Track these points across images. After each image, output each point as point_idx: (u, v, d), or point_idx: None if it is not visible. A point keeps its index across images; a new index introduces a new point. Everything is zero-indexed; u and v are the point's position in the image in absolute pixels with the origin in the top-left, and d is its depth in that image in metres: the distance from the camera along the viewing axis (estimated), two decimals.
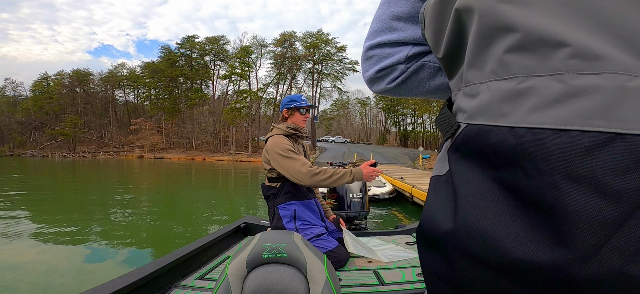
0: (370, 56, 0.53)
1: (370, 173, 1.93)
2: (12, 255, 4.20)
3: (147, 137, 46.12)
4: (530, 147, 0.28)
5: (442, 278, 0.35)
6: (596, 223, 0.25)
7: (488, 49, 0.33)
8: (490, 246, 0.29)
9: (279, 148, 1.82)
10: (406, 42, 0.50)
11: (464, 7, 0.34)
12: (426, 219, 0.38)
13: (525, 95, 0.29)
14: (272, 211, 1.93)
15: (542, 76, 0.28)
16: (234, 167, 26.90)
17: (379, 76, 0.53)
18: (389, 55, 0.51)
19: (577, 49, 0.27)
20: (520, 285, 0.28)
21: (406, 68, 0.51)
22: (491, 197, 0.30)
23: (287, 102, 2.02)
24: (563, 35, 0.28)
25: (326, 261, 1.10)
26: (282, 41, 46.03)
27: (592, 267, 0.25)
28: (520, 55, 0.30)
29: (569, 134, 0.26)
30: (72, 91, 52.81)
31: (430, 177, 0.41)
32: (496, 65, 0.32)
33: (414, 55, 0.50)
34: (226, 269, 1.04)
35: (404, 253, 1.97)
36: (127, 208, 7.74)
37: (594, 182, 0.25)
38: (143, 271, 1.39)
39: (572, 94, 0.27)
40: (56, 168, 23.70)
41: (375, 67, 0.52)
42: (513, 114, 0.29)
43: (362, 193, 2.95)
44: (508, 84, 0.31)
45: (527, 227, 0.28)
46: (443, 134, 0.40)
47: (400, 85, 0.53)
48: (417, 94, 0.55)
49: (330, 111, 59.33)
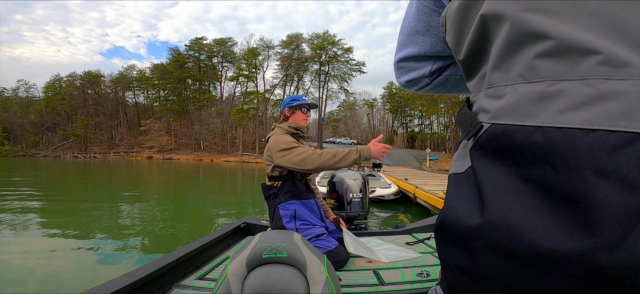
0: (400, 67, 0.60)
1: (379, 150, 1.80)
2: (21, 252, 4.31)
3: (156, 138, 46.67)
4: (559, 145, 0.29)
5: (464, 272, 0.36)
6: (622, 214, 0.26)
7: (516, 54, 0.34)
8: (518, 238, 0.30)
9: (282, 142, 1.81)
10: (428, 56, 0.55)
11: (492, 14, 0.36)
12: (448, 216, 0.39)
13: (554, 97, 0.31)
14: (272, 210, 1.93)
15: (571, 81, 0.30)
16: (241, 168, 27.02)
17: (409, 84, 0.61)
18: (415, 68, 0.57)
19: (607, 57, 0.29)
20: (548, 275, 0.29)
21: (431, 81, 0.58)
22: (518, 192, 0.32)
23: (289, 101, 2.02)
24: (594, 44, 0.29)
25: (326, 261, 1.09)
26: (288, 43, 46.22)
27: (618, 255, 0.26)
28: (550, 61, 0.31)
29: (596, 134, 0.28)
30: (83, 92, 53.76)
31: (449, 175, 0.43)
32: (524, 69, 0.33)
33: (436, 70, 0.56)
34: (226, 269, 1.04)
35: (404, 253, 1.97)
36: (136, 208, 7.84)
37: (620, 177, 0.26)
38: (143, 271, 1.39)
39: (600, 98, 0.28)
40: (68, 168, 24.12)
41: (405, 77, 0.60)
42: (541, 114, 0.31)
43: (362, 193, 2.94)
44: (537, 87, 0.32)
45: (555, 219, 0.29)
46: (464, 133, 0.41)
47: (428, 91, 0.61)
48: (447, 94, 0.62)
49: (337, 112, 59.29)
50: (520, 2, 0.34)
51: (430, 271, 1.64)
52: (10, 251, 4.35)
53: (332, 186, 3.03)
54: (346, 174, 3.03)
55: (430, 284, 1.49)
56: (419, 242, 2.25)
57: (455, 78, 0.57)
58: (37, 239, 4.95)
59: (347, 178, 2.95)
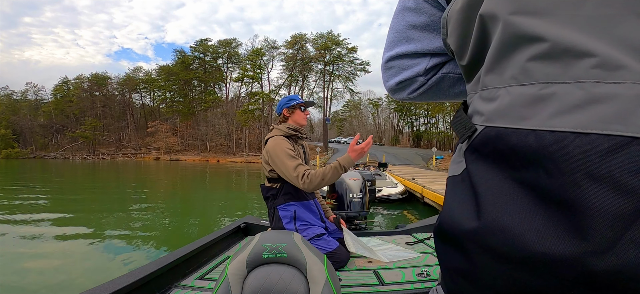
0: (390, 67, 0.54)
1: (357, 151, 1.79)
2: (31, 251, 4.38)
3: (163, 139, 47.12)
4: (552, 148, 0.29)
5: (461, 274, 0.36)
6: (614, 218, 0.26)
7: (509, 56, 0.34)
8: (511, 241, 0.30)
9: (280, 150, 1.81)
10: (424, 53, 0.51)
11: (489, 14, 0.35)
12: (446, 218, 0.39)
13: (547, 100, 0.31)
14: (272, 211, 1.93)
15: (564, 83, 0.30)
16: (247, 168, 27.11)
17: (400, 87, 0.55)
18: (408, 67, 0.52)
19: (602, 60, 0.28)
20: (541, 278, 0.29)
21: (426, 80, 0.53)
22: (511, 196, 0.32)
23: (286, 101, 2.01)
24: (589, 46, 0.29)
25: (326, 261, 1.09)
26: (293, 43, 46.19)
27: (610, 259, 0.26)
28: (543, 64, 0.31)
29: (589, 137, 0.28)
30: (91, 95, 54.35)
31: (447, 178, 0.43)
32: (518, 72, 0.33)
33: (432, 67, 0.52)
34: (226, 269, 1.04)
35: (404, 253, 1.97)
36: (143, 208, 7.93)
37: (612, 181, 0.26)
38: (143, 271, 1.39)
39: (593, 101, 0.28)
40: (77, 170, 24.44)
41: (396, 78, 0.54)
42: (534, 117, 0.31)
43: (362, 193, 2.92)
44: (530, 90, 0.32)
45: (548, 222, 0.29)
46: (459, 136, 0.41)
47: (422, 95, 0.54)
48: (438, 100, 0.57)
49: (343, 112, 59.18)
50: (512, 2, 0.33)
51: (430, 271, 1.64)
52: (21, 251, 4.44)
53: (332, 186, 3.01)
54: (346, 174, 3.00)
55: (430, 284, 1.49)
56: (419, 242, 2.24)
57: (452, 77, 0.53)
58: (49, 240, 5.04)
59: (347, 178, 2.94)
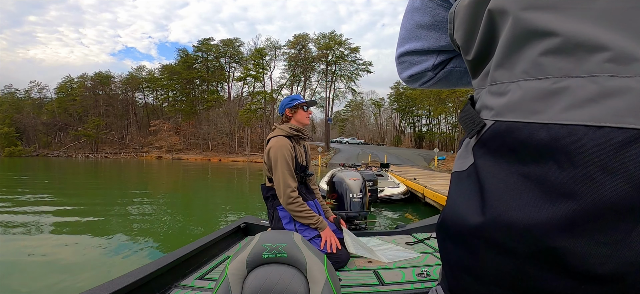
0: (402, 61, 0.59)
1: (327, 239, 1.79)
2: (32, 248, 4.41)
3: (165, 138, 47.19)
4: (565, 141, 0.29)
5: (465, 270, 0.36)
6: (627, 210, 0.26)
7: (521, 51, 0.34)
8: (517, 235, 0.31)
9: (282, 160, 1.83)
10: (431, 51, 0.54)
11: (498, 9, 0.35)
12: (450, 214, 0.39)
13: (560, 94, 0.31)
14: (272, 211, 1.94)
15: (577, 77, 0.30)
16: (248, 168, 27.13)
17: (412, 79, 0.59)
18: (418, 62, 0.56)
19: (616, 53, 0.28)
20: (550, 272, 0.29)
21: (434, 75, 0.57)
22: (518, 190, 0.32)
23: (288, 101, 2.02)
24: (602, 40, 0.29)
25: (326, 261, 1.09)
26: (295, 43, 46.22)
27: (621, 251, 0.26)
28: (556, 58, 0.31)
29: (603, 130, 0.28)
30: (94, 93, 54.50)
31: (451, 173, 0.43)
32: (529, 66, 0.33)
33: (440, 63, 0.55)
34: (226, 269, 1.05)
35: (404, 253, 1.97)
36: (144, 207, 7.95)
37: (626, 174, 0.26)
38: (143, 271, 1.39)
39: (606, 95, 0.28)
40: (79, 168, 24.53)
41: (407, 72, 0.59)
42: (547, 111, 0.31)
43: (362, 193, 2.89)
44: (542, 84, 0.32)
45: (556, 216, 0.29)
46: (466, 131, 0.41)
47: (433, 85, 0.60)
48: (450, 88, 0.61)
49: (345, 112, 59.15)
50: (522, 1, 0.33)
51: (430, 271, 1.64)
52: (21, 250, 4.46)
53: (332, 186, 2.98)
54: (346, 174, 2.98)
55: (430, 284, 1.49)
56: (419, 242, 2.24)
57: (460, 71, 0.56)
58: (50, 236, 5.06)
59: (347, 178, 2.91)
